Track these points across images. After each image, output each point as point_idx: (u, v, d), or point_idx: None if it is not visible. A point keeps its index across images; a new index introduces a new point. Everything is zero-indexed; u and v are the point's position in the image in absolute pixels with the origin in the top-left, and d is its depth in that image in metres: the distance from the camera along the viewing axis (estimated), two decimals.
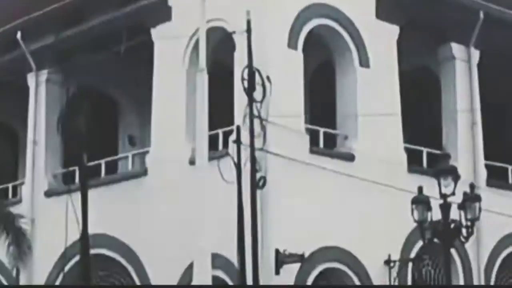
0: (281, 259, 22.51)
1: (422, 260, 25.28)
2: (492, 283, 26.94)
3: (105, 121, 28.62)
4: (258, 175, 21.44)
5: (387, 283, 24.63)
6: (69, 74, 28.31)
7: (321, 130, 24.75)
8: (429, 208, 22.12)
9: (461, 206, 22.40)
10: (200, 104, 18.80)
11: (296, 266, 22.80)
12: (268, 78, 21.86)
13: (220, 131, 23.41)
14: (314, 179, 23.34)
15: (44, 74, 28.95)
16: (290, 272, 22.74)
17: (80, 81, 27.56)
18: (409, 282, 25.12)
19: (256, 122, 21.62)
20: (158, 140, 25.80)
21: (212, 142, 21.15)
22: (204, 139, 18.63)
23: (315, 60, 25.48)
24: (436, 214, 22.05)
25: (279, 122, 22.41)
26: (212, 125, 19.68)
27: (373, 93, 25.14)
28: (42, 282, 27.64)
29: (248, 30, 21.80)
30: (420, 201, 22.23)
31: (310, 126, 24.42)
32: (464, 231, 22.57)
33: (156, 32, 25.94)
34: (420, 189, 22.28)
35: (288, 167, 22.84)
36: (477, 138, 27.21)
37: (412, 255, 25.01)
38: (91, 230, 21.47)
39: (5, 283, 28.68)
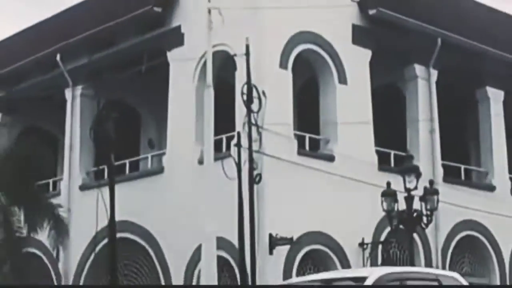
0: (273, 242, 22.56)
1: (390, 243, 25.23)
2: (447, 262, 26.88)
3: (129, 127, 28.55)
4: (255, 173, 21.34)
5: (361, 263, 24.56)
6: (100, 89, 28.26)
7: (307, 136, 24.83)
8: (395, 200, 22.27)
9: (422, 199, 22.54)
10: (207, 114, 18.83)
11: (286, 248, 22.87)
12: (263, 92, 21.78)
13: (223, 136, 23.40)
14: (301, 176, 23.39)
15: (79, 89, 28.96)
16: (281, 252, 22.81)
17: (109, 95, 27.52)
18: (379, 262, 25.05)
19: (254, 129, 21.51)
20: (172, 144, 25.82)
21: (217, 145, 21.21)
22: (210, 142, 18.67)
23: (302, 78, 25.42)
24: (401, 205, 22.21)
25: (272, 129, 22.44)
26: (217, 131, 19.73)
27: (350, 105, 25.14)
28: (77, 260, 27.70)
29: (247, 53, 21.77)
30: (388, 194, 22.37)
31: (297, 132, 24.42)
32: (424, 219, 22.69)
33: (171, 55, 25.97)
34: (388, 184, 22.46)
35: (279, 166, 22.90)
36: (435, 142, 27.20)
37: (382, 238, 25.01)
38: (117, 218, 21.40)
39: (46, 262, 28.66)
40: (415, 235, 24.10)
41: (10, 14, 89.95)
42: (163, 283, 25.23)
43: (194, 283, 23.54)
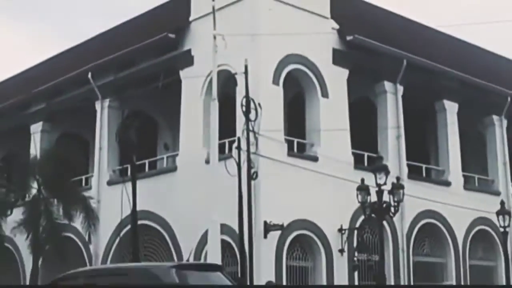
0: (267, 228, 22.55)
1: (363, 229, 25.10)
2: (411, 244, 26.95)
3: (148, 133, 28.59)
4: (252, 171, 21.33)
5: (340, 245, 24.54)
6: (124, 102, 28.32)
7: (295, 140, 24.77)
8: (368, 193, 22.26)
9: (390, 192, 22.50)
10: (212, 122, 18.88)
11: (278, 233, 22.85)
12: (259, 104, 21.76)
13: (226, 141, 23.35)
14: (290, 173, 23.39)
15: (106, 102, 28.92)
16: (274, 236, 22.81)
17: (132, 106, 27.61)
18: (355, 244, 25.00)
19: (251, 134, 21.47)
20: (184, 147, 25.82)
21: (221, 148, 21.24)
22: (215, 146, 18.71)
23: (291, 92, 25.39)
24: (373, 197, 22.17)
25: (266, 134, 22.44)
26: (220, 136, 19.77)
27: (331, 115, 25.18)
28: (105, 243, 27.66)
29: (246, 72, 21.71)
30: (362, 189, 22.36)
31: (287, 137, 24.37)
32: (392, 209, 22.66)
33: (183, 73, 25.96)
34: (362, 180, 22.44)
35: (272, 165, 22.89)
36: (401, 146, 27.20)
37: (357, 225, 24.96)
38: (138, 208, 21.43)
39: (80, 244, 28.61)
40: (384, 222, 24.09)
41: (49, 40, 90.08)
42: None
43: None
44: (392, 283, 25.35)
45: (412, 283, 26.61)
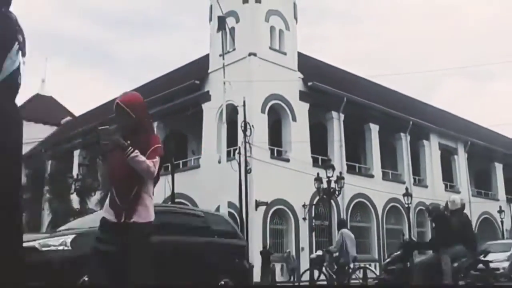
0: (257, 204, 22.63)
1: (318, 205, 25.17)
2: (349, 215, 26.88)
3: (182, 144, 28.61)
4: (248, 168, 21.25)
5: (303, 215, 24.49)
6: (167, 124, 28.32)
7: (275, 148, 24.89)
8: (321, 182, 22.30)
9: (335, 182, 22.58)
10: (223, 137, 18.94)
11: (264, 207, 22.96)
12: (252, 126, 21.73)
13: (231, 149, 23.11)
14: (272, 170, 23.41)
15: (155, 124, 28.55)
16: (261, 209, 22.90)
17: (172, 127, 27.59)
18: (313, 214, 24.94)
19: (247, 145, 21.52)
20: (205, 152, 25.75)
21: (228, 153, 21.22)
22: (224, 152, 18.75)
23: (273, 118, 25.48)
24: (325, 185, 22.23)
25: (257, 145, 22.47)
26: (228, 146, 19.81)
27: (298, 132, 25.22)
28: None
29: (244, 105, 21.72)
30: (318, 179, 22.43)
31: (270, 147, 24.47)
32: (336, 192, 22.75)
33: (204, 106, 25.99)
34: (318, 174, 22.47)
35: (261, 164, 22.96)
36: (343, 152, 27.25)
37: (314, 202, 24.99)
38: (175, 191, 21.40)
39: None
40: (332, 201, 24.03)
41: (116, 84, 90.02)
42: None
43: None
44: (336, 239, 25.39)
45: None
